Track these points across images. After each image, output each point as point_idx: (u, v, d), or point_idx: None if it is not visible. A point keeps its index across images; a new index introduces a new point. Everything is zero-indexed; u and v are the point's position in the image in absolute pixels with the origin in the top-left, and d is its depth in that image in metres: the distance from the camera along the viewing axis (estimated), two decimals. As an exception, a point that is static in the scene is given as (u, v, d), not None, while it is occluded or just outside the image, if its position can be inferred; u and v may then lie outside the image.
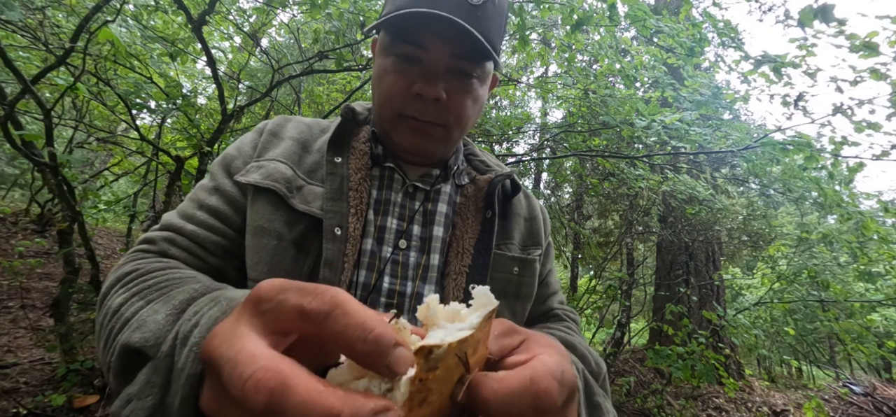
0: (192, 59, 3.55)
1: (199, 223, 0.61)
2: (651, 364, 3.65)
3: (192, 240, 0.60)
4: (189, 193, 0.68)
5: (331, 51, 2.98)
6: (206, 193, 0.65)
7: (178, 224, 0.61)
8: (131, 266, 0.54)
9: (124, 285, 0.50)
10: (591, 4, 2.79)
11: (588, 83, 3.37)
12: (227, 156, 0.68)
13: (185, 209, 0.63)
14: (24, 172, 6.54)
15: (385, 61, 0.62)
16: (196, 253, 0.60)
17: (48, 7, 2.77)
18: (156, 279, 0.50)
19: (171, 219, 0.62)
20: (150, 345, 0.39)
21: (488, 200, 0.69)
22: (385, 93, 0.63)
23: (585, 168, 5.20)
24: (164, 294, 0.47)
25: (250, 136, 0.70)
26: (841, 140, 2.57)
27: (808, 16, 1.83)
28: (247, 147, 0.68)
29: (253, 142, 0.69)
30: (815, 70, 2.34)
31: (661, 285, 6.28)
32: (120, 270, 0.54)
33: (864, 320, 4.45)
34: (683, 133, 2.60)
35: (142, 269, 0.52)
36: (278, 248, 0.58)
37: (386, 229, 0.64)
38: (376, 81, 0.65)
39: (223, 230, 0.62)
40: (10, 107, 1.95)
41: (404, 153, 0.68)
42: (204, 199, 0.64)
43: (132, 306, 0.46)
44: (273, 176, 0.62)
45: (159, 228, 0.62)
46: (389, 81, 0.62)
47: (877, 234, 2.91)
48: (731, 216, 6.51)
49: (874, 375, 8.40)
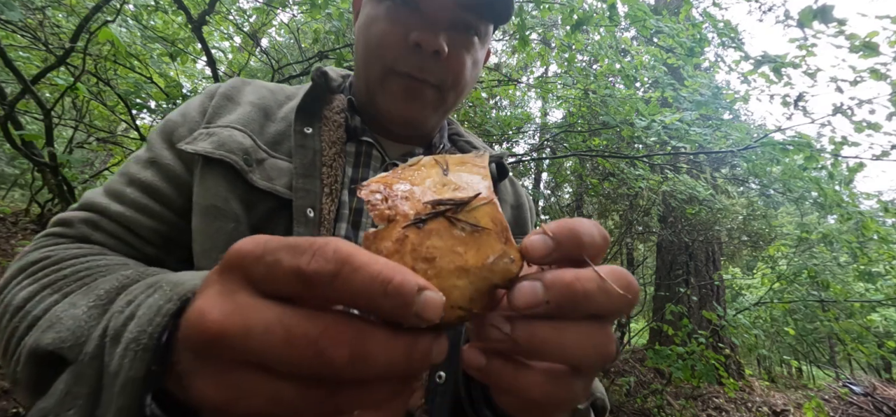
0: (192, 59, 3.55)
1: (130, 203, 0.51)
2: (651, 364, 3.65)
3: (121, 224, 0.50)
4: (120, 166, 0.56)
5: (331, 51, 2.98)
6: (140, 167, 0.53)
7: (101, 203, 0.50)
8: (39, 253, 0.44)
9: (30, 275, 0.41)
10: (591, 4, 2.79)
11: (588, 83, 3.37)
12: (169, 123, 0.56)
13: (112, 186, 0.53)
14: (24, 172, 6.53)
15: (376, 8, 0.54)
16: (126, 240, 0.50)
17: (48, 7, 2.77)
18: (73, 267, 0.41)
19: (94, 198, 0.52)
20: (68, 347, 0.32)
21: None
22: (375, 43, 0.54)
23: (585, 168, 5.20)
24: (85, 284, 0.39)
25: (198, 100, 0.59)
26: (841, 140, 2.57)
27: (807, 16, 1.83)
28: (193, 111, 0.57)
29: (201, 106, 0.58)
30: (815, 70, 2.34)
31: (661, 285, 6.28)
32: (24, 259, 0.44)
33: (864, 320, 4.45)
34: (683, 133, 2.60)
35: (54, 257, 0.43)
36: (236, 233, 0.49)
37: (363, 213, 0.56)
38: (362, 32, 0.56)
39: (160, 212, 0.52)
40: (10, 107, 1.95)
41: (390, 122, 0.59)
42: (136, 174, 0.52)
43: (43, 301, 0.38)
44: (227, 145, 0.51)
45: (78, 208, 0.52)
46: (380, 30, 0.53)
47: (877, 234, 2.91)
48: (731, 216, 6.51)
49: (874, 375, 8.40)
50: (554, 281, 0.23)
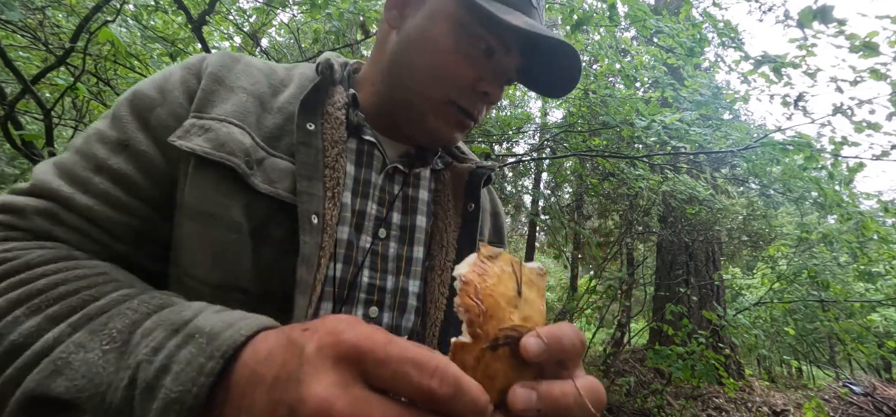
0: (192, 59, 3.56)
1: (98, 194, 0.44)
2: (651, 364, 3.65)
3: (88, 220, 0.43)
4: (77, 138, 0.47)
5: (331, 51, 2.98)
6: (109, 150, 0.46)
7: (64, 193, 0.43)
8: (9, 260, 0.37)
9: (14, 292, 0.35)
10: (591, 4, 2.80)
11: (588, 83, 3.37)
12: (143, 99, 0.48)
13: (73, 170, 0.44)
14: (25, 172, 6.53)
15: (446, 36, 0.52)
16: (93, 236, 0.44)
17: (48, 7, 2.78)
18: (47, 279, 0.36)
19: (51, 183, 0.43)
20: (85, 397, 0.30)
21: (470, 191, 0.63)
22: (442, 72, 0.53)
23: (585, 168, 5.20)
24: (71, 306, 0.35)
25: (178, 74, 0.51)
26: (841, 140, 2.57)
27: (807, 16, 1.83)
28: (176, 91, 0.49)
29: (185, 85, 0.50)
30: (815, 70, 2.34)
31: (661, 285, 6.28)
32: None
33: (864, 320, 4.46)
34: (683, 133, 2.60)
35: (16, 261, 0.37)
36: (238, 243, 0.45)
37: (365, 215, 0.54)
38: (424, 49, 0.53)
39: (133, 207, 0.46)
40: (10, 107, 1.95)
41: (423, 137, 0.58)
42: (105, 159, 0.45)
43: (19, 324, 0.33)
44: (227, 145, 0.46)
45: (31, 194, 0.43)
46: (453, 62, 0.52)
47: (877, 234, 2.91)
48: (731, 216, 6.51)
49: (874, 375, 8.40)
50: (544, 393, 0.29)
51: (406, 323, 0.55)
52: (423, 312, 0.57)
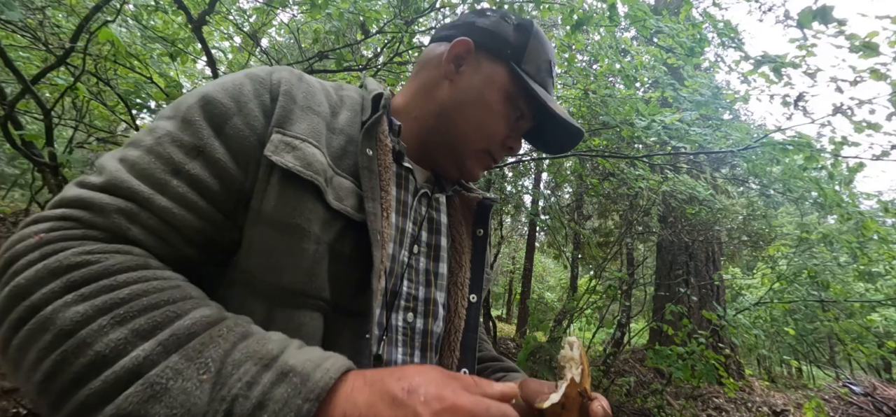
0: (192, 59, 3.56)
1: (176, 197, 0.45)
2: (651, 364, 3.65)
3: (165, 221, 0.44)
4: (144, 136, 0.47)
5: (331, 51, 2.98)
6: (184, 154, 0.46)
7: (143, 193, 0.43)
8: (77, 255, 0.37)
9: (75, 288, 0.35)
10: (591, 4, 2.80)
11: (588, 83, 3.37)
12: (217, 105, 0.49)
13: (150, 170, 0.44)
14: (24, 172, 6.53)
15: (496, 96, 0.63)
16: (168, 239, 0.44)
17: (48, 7, 2.78)
18: (130, 289, 0.36)
19: (128, 181, 0.43)
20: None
21: (479, 218, 0.72)
22: (485, 128, 0.63)
23: (585, 168, 5.19)
24: (164, 328, 0.35)
25: (250, 87, 0.52)
26: (841, 140, 2.57)
27: (807, 17, 1.83)
28: (251, 103, 0.51)
29: (259, 99, 0.52)
30: (815, 70, 2.34)
31: (661, 285, 6.28)
32: (56, 256, 0.37)
33: (864, 320, 4.46)
34: (683, 133, 2.60)
35: (100, 267, 0.37)
36: (317, 254, 0.49)
37: (404, 233, 0.62)
38: (473, 103, 0.62)
39: (207, 212, 0.47)
40: (10, 107, 1.95)
41: (454, 171, 0.68)
42: (182, 163, 0.46)
43: (105, 334, 0.33)
44: (313, 165, 0.50)
45: (106, 190, 0.43)
46: (495, 122, 0.64)
47: (877, 234, 2.91)
48: (731, 216, 6.51)
49: (874, 375, 8.40)
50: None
51: (437, 328, 0.63)
52: (448, 320, 0.65)
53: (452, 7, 3.38)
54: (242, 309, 0.44)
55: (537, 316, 5.86)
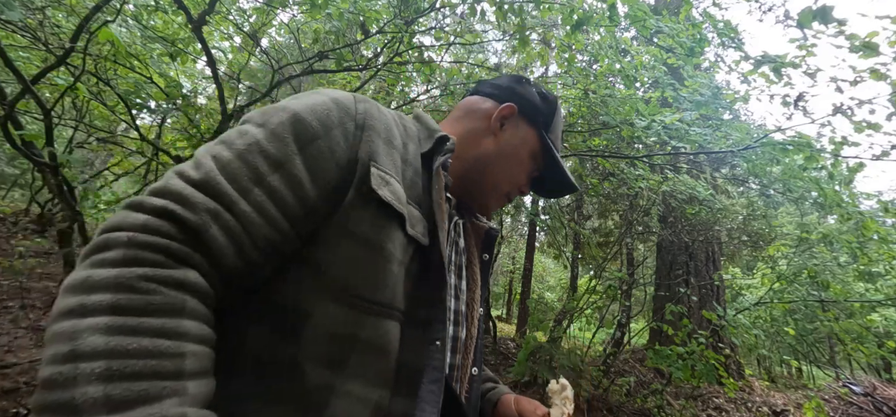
0: (192, 59, 3.56)
1: (256, 205, 0.48)
2: (651, 364, 3.65)
3: (242, 225, 0.47)
4: (235, 137, 0.51)
5: (331, 51, 2.98)
6: (268, 165, 0.50)
7: (230, 195, 0.47)
8: (140, 279, 0.40)
9: (112, 316, 0.38)
10: (591, 4, 2.80)
11: (588, 83, 3.37)
12: (306, 127, 0.53)
13: (237, 175, 0.48)
14: (24, 172, 6.54)
15: (526, 155, 0.78)
16: (241, 242, 0.47)
17: (48, 7, 2.78)
18: (144, 347, 0.38)
19: (221, 183, 0.47)
20: None
21: (486, 245, 0.83)
22: (509, 177, 0.78)
23: (585, 168, 5.19)
24: (135, 407, 0.36)
25: (337, 114, 0.56)
26: (841, 140, 2.57)
27: (807, 17, 1.83)
28: (336, 129, 0.55)
29: (343, 127, 0.56)
30: (815, 70, 2.34)
31: (661, 285, 6.28)
32: (137, 282, 0.40)
33: (864, 320, 4.45)
34: (683, 133, 2.60)
35: (142, 303, 0.40)
36: (398, 275, 0.55)
37: (451, 261, 0.72)
38: (504, 155, 0.76)
39: (280, 224, 0.50)
40: (10, 107, 1.95)
41: (476, 204, 0.81)
42: (265, 174, 0.49)
43: (90, 392, 0.35)
44: (400, 198, 0.57)
45: (199, 187, 0.46)
46: (520, 173, 0.78)
47: (877, 234, 2.91)
48: (731, 216, 6.51)
49: (874, 375, 8.40)
50: None
51: (463, 335, 0.72)
52: (467, 327, 0.74)
53: (452, 7, 3.38)
54: (327, 316, 0.50)
55: (537, 316, 5.85)
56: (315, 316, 0.50)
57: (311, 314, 0.50)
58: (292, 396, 0.49)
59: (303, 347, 0.49)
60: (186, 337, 0.41)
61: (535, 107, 0.78)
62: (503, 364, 4.84)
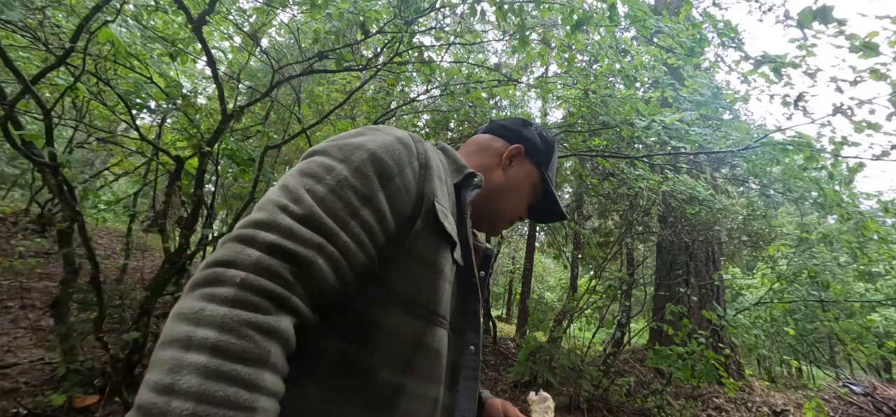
0: (192, 59, 3.56)
1: (353, 236, 0.55)
2: (651, 364, 3.65)
3: (343, 255, 0.54)
4: (322, 172, 0.57)
5: (331, 51, 2.98)
6: (359, 200, 0.57)
7: (331, 228, 0.53)
8: (241, 324, 0.43)
9: (211, 356, 0.41)
10: (591, 4, 2.80)
11: (588, 83, 3.37)
12: (385, 166, 0.61)
13: (335, 209, 0.54)
14: (24, 172, 6.54)
15: (528, 187, 0.91)
16: (340, 269, 0.54)
17: (48, 7, 2.78)
18: (228, 396, 0.41)
19: (321, 218, 0.53)
20: None
21: (484, 264, 0.90)
22: (518, 208, 0.91)
23: (585, 168, 5.19)
24: None
25: (406, 155, 0.64)
26: (841, 140, 2.57)
27: (807, 17, 1.83)
28: (407, 169, 0.63)
29: (412, 167, 0.64)
30: (815, 70, 2.34)
31: (661, 285, 6.28)
32: (240, 328, 0.43)
33: (864, 320, 4.46)
34: (683, 133, 2.60)
35: (239, 350, 0.43)
36: (448, 290, 0.66)
37: None
38: (512, 187, 0.89)
39: (370, 251, 0.57)
40: (10, 107, 1.95)
41: (485, 226, 0.92)
42: (358, 208, 0.56)
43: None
44: (454, 229, 0.67)
45: (304, 223, 0.52)
46: (522, 203, 0.91)
47: (877, 234, 2.91)
48: (731, 216, 6.51)
49: (874, 375, 8.40)
50: None
51: None
52: None
53: (452, 7, 3.38)
54: (395, 327, 0.58)
55: (537, 316, 5.85)
56: (386, 326, 0.58)
57: (383, 324, 0.58)
58: (366, 397, 0.56)
59: (376, 353, 0.57)
60: (262, 391, 0.44)
61: (537, 148, 0.91)
62: (503, 364, 4.83)
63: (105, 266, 4.45)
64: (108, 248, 5.68)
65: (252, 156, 2.62)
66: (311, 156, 0.60)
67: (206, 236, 2.73)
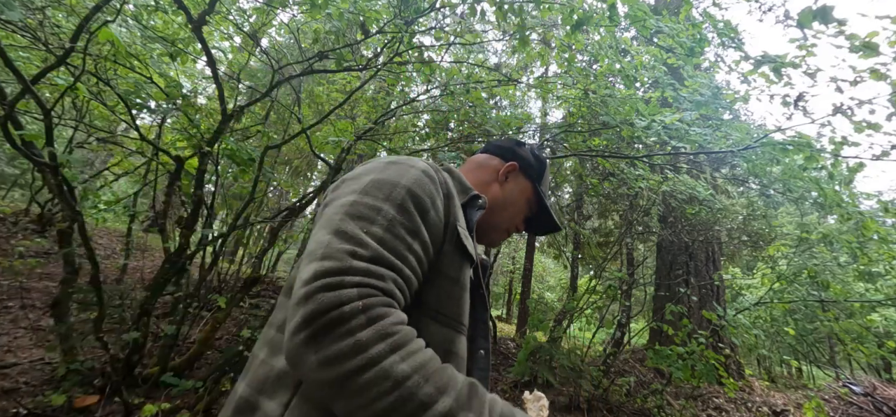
0: (192, 59, 3.56)
1: (412, 268, 0.65)
2: (651, 364, 3.65)
3: (407, 283, 0.63)
4: (372, 214, 0.65)
5: (331, 51, 2.98)
6: (409, 236, 0.66)
7: (398, 264, 0.62)
8: (391, 325, 0.55)
9: (398, 352, 0.53)
10: (591, 4, 2.80)
11: (588, 83, 3.37)
12: (422, 202, 0.69)
13: (396, 247, 0.64)
14: (24, 172, 6.54)
15: (523, 201, 0.99)
16: (405, 294, 0.63)
17: (48, 7, 2.78)
18: (425, 357, 0.55)
19: (388, 257, 0.62)
20: None
21: (483, 273, 0.96)
22: (512, 218, 0.99)
23: (585, 168, 5.19)
24: (452, 389, 0.55)
25: (432, 186, 0.73)
26: (841, 140, 2.57)
27: (807, 17, 1.83)
28: (437, 202, 0.72)
29: (440, 196, 0.73)
30: (815, 70, 2.34)
31: (661, 285, 6.28)
32: (391, 328, 0.55)
33: (864, 320, 4.46)
34: (683, 133, 2.60)
35: (420, 343, 0.57)
36: (468, 301, 0.75)
37: None
38: (509, 201, 0.97)
39: (420, 276, 0.67)
40: (10, 107, 1.95)
41: (488, 243, 1.03)
42: (411, 243, 0.65)
43: (426, 391, 0.52)
44: (473, 247, 0.76)
45: (377, 262, 0.60)
46: (518, 215, 0.99)
47: (877, 234, 2.91)
48: (731, 216, 6.51)
49: (874, 375, 8.39)
50: None
51: None
52: None
53: (452, 7, 3.38)
54: (430, 336, 0.65)
55: (537, 316, 5.85)
56: (422, 335, 0.62)
57: (419, 334, 0.62)
58: None
59: None
60: (426, 346, 0.59)
61: (530, 165, 1.00)
62: (503, 364, 4.84)
63: (105, 266, 4.45)
64: (108, 248, 5.68)
65: (252, 156, 2.62)
66: (349, 195, 0.67)
67: (206, 236, 2.72)
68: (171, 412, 2.15)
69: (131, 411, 2.09)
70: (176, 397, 2.33)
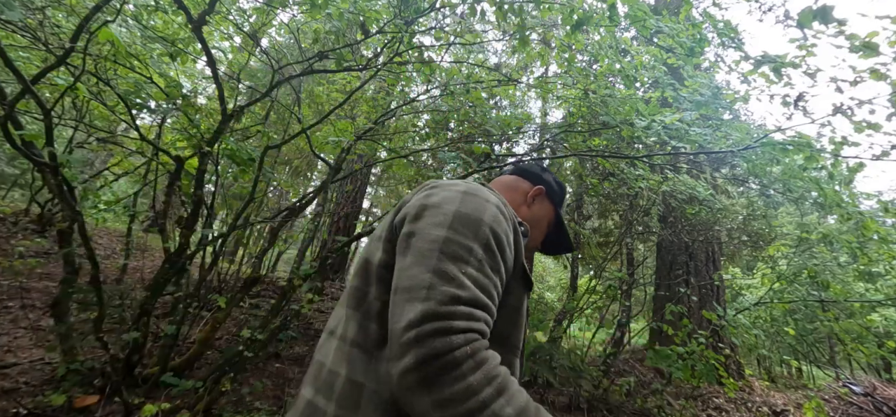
0: (192, 59, 3.56)
1: (495, 304, 0.70)
2: (651, 364, 3.65)
3: (493, 319, 0.69)
4: (465, 254, 0.69)
5: (331, 51, 2.98)
6: (495, 275, 0.71)
7: (490, 305, 0.68)
8: (493, 368, 0.61)
9: (503, 395, 0.59)
10: (591, 4, 2.80)
11: (588, 83, 3.37)
12: (501, 238, 0.74)
13: (487, 287, 0.69)
14: (24, 172, 6.54)
15: (545, 224, 1.07)
16: (491, 328, 0.68)
17: (48, 7, 2.78)
18: (523, 401, 0.60)
19: (482, 299, 0.67)
20: None
21: None
22: (537, 238, 1.06)
23: (585, 168, 5.19)
24: (530, 412, 0.60)
25: (507, 223, 0.78)
26: (841, 140, 2.56)
27: (807, 17, 1.83)
28: (511, 235, 0.78)
29: (512, 232, 0.79)
30: (815, 70, 2.34)
31: (661, 285, 6.28)
32: (494, 371, 0.61)
33: (864, 320, 4.46)
34: (683, 133, 2.60)
35: (516, 384, 0.63)
36: (523, 325, 0.82)
37: None
38: (537, 222, 1.05)
39: (495, 311, 0.71)
40: (10, 107, 1.95)
41: None
42: (496, 282, 0.71)
43: (508, 412, 0.57)
44: (530, 275, 0.82)
45: (474, 304, 0.65)
46: (540, 234, 1.06)
47: (877, 234, 2.91)
48: (731, 216, 6.51)
49: (874, 375, 8.40)
50: None
51: None
52: None
53: (452, 7, 3.38)
54: None
55: (537, 316, 5.85)
56: None
57: None
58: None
59: None
60: (518, 387, 0.64)
61: (554, 190, 1.09)
62: (503, 364, 4.83)
63: (105, 266, 4.45)
64: (108, 248, 5.68)
65: (252, 156, 2.62)
66: (437, 228, 0.69)
67: (206, 236, 2.72)
68: (171, 412, 2.15)
69: (131, 411, 2.09)
70: (176, 397, 2.33)
